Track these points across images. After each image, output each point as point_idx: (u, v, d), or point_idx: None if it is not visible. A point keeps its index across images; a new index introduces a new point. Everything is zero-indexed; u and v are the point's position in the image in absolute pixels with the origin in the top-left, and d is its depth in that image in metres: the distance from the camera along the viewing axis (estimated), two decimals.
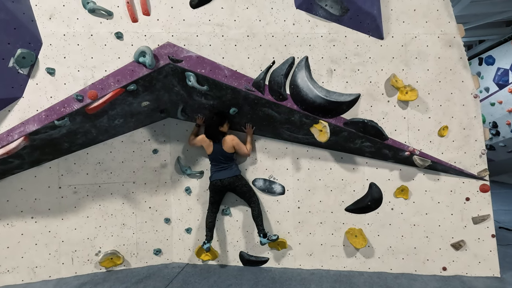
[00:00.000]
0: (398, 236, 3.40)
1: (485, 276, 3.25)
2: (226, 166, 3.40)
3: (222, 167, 3.40)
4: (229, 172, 3.38)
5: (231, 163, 3.43)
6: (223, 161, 3.39)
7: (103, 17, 3.00)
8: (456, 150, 3.29)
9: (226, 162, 3.40)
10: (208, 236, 3.42)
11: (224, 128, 3.39)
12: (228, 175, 3.37)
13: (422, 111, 3.28)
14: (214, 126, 3.36)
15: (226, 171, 3.38)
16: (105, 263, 3.48)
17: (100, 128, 3.29)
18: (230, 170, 3.39)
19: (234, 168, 3.43)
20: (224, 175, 3.37)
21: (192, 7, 3.11)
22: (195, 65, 3.05)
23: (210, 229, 3.45)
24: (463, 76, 3.26)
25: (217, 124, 3.35)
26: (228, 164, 3.41)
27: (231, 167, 3.41)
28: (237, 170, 3.44)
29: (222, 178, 3.36)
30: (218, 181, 3.36)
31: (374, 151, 3.34)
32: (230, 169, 3.40)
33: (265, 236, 3.31)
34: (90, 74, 2.97)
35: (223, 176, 3.36)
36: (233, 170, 3.41)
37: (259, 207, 3.43)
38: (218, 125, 3.35)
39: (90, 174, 3.49)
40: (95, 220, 3.52)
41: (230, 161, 3.42)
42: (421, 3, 3.22)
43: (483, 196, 3.29)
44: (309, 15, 3.18)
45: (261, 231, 3.34)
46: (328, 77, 3.23)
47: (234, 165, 3.45)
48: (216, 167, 3.42)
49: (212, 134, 3.36)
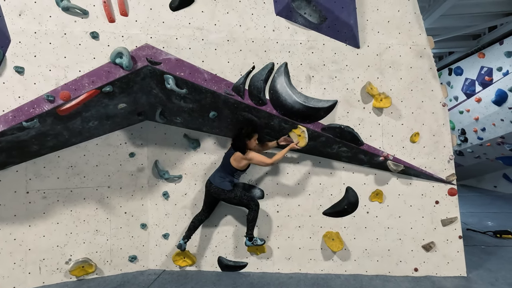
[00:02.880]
0: (373, 239, 3.51)
1: (453, 276, 3.41)
2: (221, 175, 3.27)
3: (219, 171, 3.31)
4: (218, 181, 3.25)
5: (226, 175, 3.26)
6: (222, 168, 3.29)
7: (77, 16, 2.90)
8: (426, 156, 3.45)
9: (224, 172, 3.27)
10: (185, 234, 3.35)
11: (251, 144, 3.21)
12: (216, 183, 3.25)
13: (395, 118, 3.42)
14: (241, 138, 3.20)
15: (217, 178, 3.27)
16: (75, 271, 3.32)
17: (73, 130, 3.16)
18: (220, 180, 3.25)
19: (225, 181, 3.25)
20: (214, 180, 3.27)
21: (172, 9, 3.08)
22: (174, 68, 3.02)
23: (190, 229, 3.37)
24: (432, 85, 3.43)
25: (244, 136, 3.20)
26: (223, 174, 3.27)
27: (224, 179, 3.25)
28: (227, 185, 3.25)
29: (211, 181, 3.29)
30: (208, 180, 3.32)
31: (350, 156, 3.43)
32: (222, 180, 3.25)
33: (251, 239, 3.25)
34: (62, 74, 2.85)
35: (212, 181, 3.28)
36: (223, 183, 3.24)
37: (254, 213, 3.27)
38: (246, 137, 3.20)
39: (61, 178, 3.34)
40: (66, 227, 3.36)
41: (227, 173, 3.26)
42: (394, 15, 3.37)
43: (451, 199, 3.47)
44: (288, 22, 3.25)
45: (249, 234, 3.26)
46: (307, 83, 3.30)
47: (228, 178, 3.26)
48: (217, 169, 3.36)
49: (237, 145, 3.20)
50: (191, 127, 3.56)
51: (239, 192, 3.29)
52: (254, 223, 3.28)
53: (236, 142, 3.22)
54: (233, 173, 3.28)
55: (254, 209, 3.27)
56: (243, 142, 3.19)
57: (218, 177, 3.28)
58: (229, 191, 3.24)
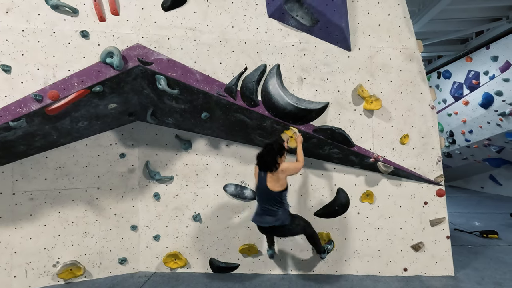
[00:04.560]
0: (364, 240, 3.54)
1: (441, 275, 3.48)
2: (270, 211, 2.75)
3: (265, 209, 2.79)
4: (273, 220, 2.75)
5: (277, 207, 2.77)
6: (267, 202, 2.79)
7: (67, 14, 2.86)
8: (415, 157, 3.51)
9: (271, 205, 2.77)
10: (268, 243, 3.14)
11: (281, 161, 2.80)
12: (271, 223, 2.75)
13: (385, 120, 3.47)
14: (274, 156, 2.73)
15: (269, 217, 2.76)
16: (63, 274, 3.26)
17: (61, 130, 3.10)
18: (275, 217, 2.75)
19: (280, 215, 2.75)
20: (267, 221, 2.78)
21: (164, 9, 3.07)
22: (166, 68, 3.00)
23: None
24: (421, 88, 3.50)
25: (276, 154, 2.75)
26: (272, 209, 2.76)
27: (277, 213, 2.75)
28: (286, 217, 2.78)
29: (264, 225, 2.82)
30: (260, 227, 2.88)
31: (341, 157, 3.46)
32: (276, 216, 2.74)
33: (324, 251, 3.13)
34: (51, 73, 2.80)
35: (266, 223, 2.79)
36: (279, 218, 2.75)
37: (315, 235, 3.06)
38: (277, 153, 2.75)
39: (49, 179, 3.27)
40: (54, 229, 3.29)
41: (275, 203, 2.76)
42: (385, 19, 3.43)
43: (439, 200, 3.53)
44: (281, 24, 3.27)
45: (321, 250, 3.12)
46: (299, 85, 3.33)
47: (280, 209, 2.77)
48: (259, 207, 2.85)
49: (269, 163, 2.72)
50: (183, 128, 3.54)
51: (302, 222, 2.96)
52: (319, 241, 3.13)
53: (269, 161, 2.74)
54: (282, 198, 2.81)
55: (314, 231, 3.05)
56: (275, 158, 2.75)
57: (270, 216, 2.78)
58: (291, 224, 2.84)
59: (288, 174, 2.84)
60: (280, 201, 2.82)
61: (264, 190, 2.80)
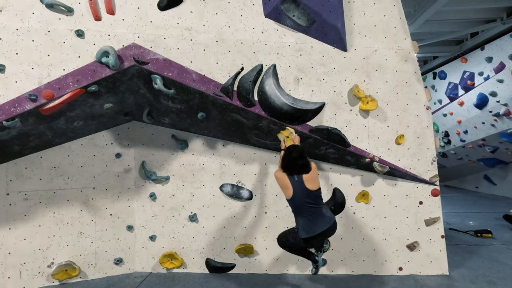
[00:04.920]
0: (360, 239, 3.56)
1: (436, 275, 3.51)
2: (320, 213, 2.66)
3: (314, 214, 2.64)
4: (327, 221, 2.65)
5: (321, 205, 2.71)
6: (312, 207, 2.64)
7: (62, 13, 2.84)
8: (411, 157, 3.53)
9: (315, 206, 2.65)
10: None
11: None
12: (328, 225, 2.63)
13: (381, 120, 3.49)
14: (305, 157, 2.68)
15: (323, 220, 2.64)
16: (58, 275, 3.23)
17: (56, 130, 3.08)
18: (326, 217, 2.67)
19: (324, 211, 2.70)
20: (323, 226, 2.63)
21: (160, 9, 3.06)
22: (162, 68, 2.99)
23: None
24: (417, 89, 3.53)
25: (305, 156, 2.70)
26: (320, 209, 2.67)
27: (324, 212, 2.69)
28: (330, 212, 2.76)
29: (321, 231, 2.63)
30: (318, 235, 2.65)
31: (337, 157, 3.48)
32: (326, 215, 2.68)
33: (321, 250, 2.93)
34: (46, 73, 2.78)
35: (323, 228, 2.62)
36: (330, 216, 2.70)
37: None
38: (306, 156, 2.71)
39: (44, 179, 3.25)
40: (48, 229, 3.27)
41: (319, 202, 2.69)
42: (381, 20, 3.45)
43: (434, 200, 3.56)
44: (277, 24, 3.27)
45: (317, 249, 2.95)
46: (295, 85, 3.33)
47: (323, 207, 2.72)
48: (306, 217, 2.65)
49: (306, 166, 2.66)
50: (179, 127, 3.53)
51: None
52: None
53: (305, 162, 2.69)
54: (321, 197, 2.76)
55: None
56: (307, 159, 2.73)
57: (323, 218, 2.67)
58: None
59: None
60: (321, 199, 2.75)
61: (305, 193, 2.64)
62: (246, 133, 3.41)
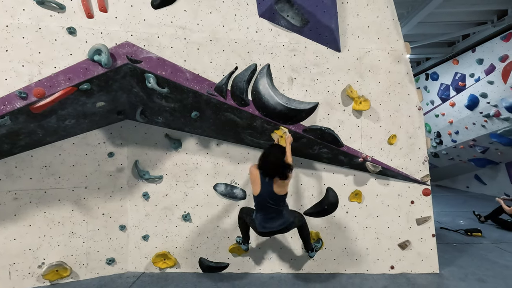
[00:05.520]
0: (352, 238, 3.59)
1: (427, 273, 3.56)
2: (277, 215, 2.82)
3: (271, 213, 2.82)
4: (280, 223, 2.82)
5: (282, 208, 2.85)
6: (273, 207, 2.80)
7: (53, 10, 2.80)
8: (403, 157, 3.58)
9: (278, 208, 2.82)
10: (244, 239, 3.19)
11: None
12: (279, 227, 2.83)
13: (374, 120, 3.53)
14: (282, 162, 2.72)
15: (277, 221, 2.82)
16: (49, 275, 3.19)
17: (47, 128, 3.04)
18: (282, 219, 2.82)
19: (285, 214, 2.85)
20: (274, 226, 2.83)
21: (153, 7, 3.03)
22: (155, 66, 2.97)
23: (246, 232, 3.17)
24: (409, 89, 3.57)
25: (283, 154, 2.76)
26: (279, 211, 2.83)
27: (282, 214, 2.83)
28: (290, 216, 2.89)
29: (271, 230, 2.86)
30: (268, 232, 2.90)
31: (331, 157, 3.50)
32: (282, 218, 2.83)
33: (313, 250, 3.23)
34: (36, 70, 2.74)
35: (273, 228, 2.83)
36: (286, 219, 2.84)
37: (307, 227, 3.13)
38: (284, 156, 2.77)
39: (34, 178, 3.20)
40: (39, 229, 3.22)
41: (281, 205, 2.84)
42: (374, 21, 3.48)
43: (425, 199, 3.61)
44: (271, 24, 3.28)
45: (310, 248, 3.21)
46: (289, 85, 3.35)
47: (285, 210, 2.87)
48: (264, 213, 2.83)
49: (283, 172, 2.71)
50: (172, 127, 3.52)
51: (296, 213, 3.07)
52: (308, 237, 3.18)
53: (279, 170, 2.73)
54: (285, 201, 2.90)
55: (305, 224, 3.12)
56: (285, 165, 2.77)
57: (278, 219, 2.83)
58: (293, 220, 2.94)
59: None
60: (284, 202, 2.91)
61: (271, 195, 2.78)
62: (240, 132, 3.41)
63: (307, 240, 3.18)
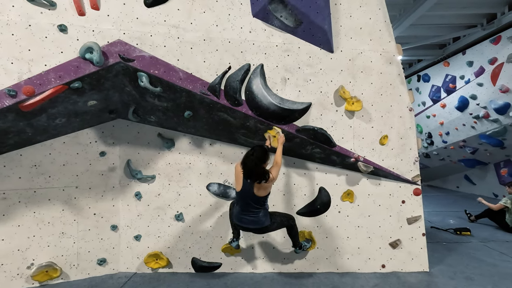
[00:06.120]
0: (344, 238, 3.63)
1: (417, 271, 3.61)
2: (252, 213, 2.88)
3: (247, 211, 2.89)
4: (254, 222, 2.89)
5: (259, 210, 2.88)
6: (249, 205, 2.87)
7: (44, 7, 2.76)
8: (394, 158, 3.62)
9: (254, 207, 2.87)
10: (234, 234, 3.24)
11: (265, 166, 2.85)
12: (252, 226, 2.92)
13: (366, 121, 3.57)
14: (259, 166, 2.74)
15: (251, 219, 2.88)
16: (38, 276, 3.14)
17: (37, 127, 2.99)
18: (256, 219, 2.88)
19: (261, 217, 2.88)
20: (248, 223, 2.91)
21: (146, 5, 3.01)
22: (148, 65, 2.95)
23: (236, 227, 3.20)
24: (400, 90, 3.62)
25: (262, 162, 2.78)
26: (255, 211, 2.87)
27: (257, 215, 2.87)
28: (266, 219, 2.91)
29: (244, 226, 2.96)
30: (242, 227, 3.01)
31: (323, 157, 3.53)
32: (256, 218, 2.87)
33: (301, 247, 3.32)
34: (26, 68, 2.69)
35: (247, 224, 2.93)
36: (260, 221, 2.88)
37: (295, 227, 3.21)
38: (262, 162, 2.79)
39: (23, 178, 3.15)
40: (28, 229, 3.17)
41: (259, 206, 2.88)
42: (367, 22, 3.52)
43: (416, 199, 3.67)
44: (265, 24, 3.29)
45: (298, 245, 3.29)
46: (282, 85, 3.36)
47: (262, 212, 2.89)
48: (241, 208, 2.93)
49: (259, 176, 2.72)
50: (165, 126, 3.50)
51: (278, 218, 3.07)
52: (297, 235, 3.26)
53: (256, 173, 2.72)
54: (265, 201, 2.93)
55: (294, 223, 3.21)
56: (263, 169, 2.76)
57: (252, 218, 2.89)
58: (270, 224, 2.96)
59: (274, 182, 2.92)
60: (263, 204, 2.93)
61: (250, 195, 2.83)
62: (233, 132, 3.41)
63: (296, 239, 3.28)
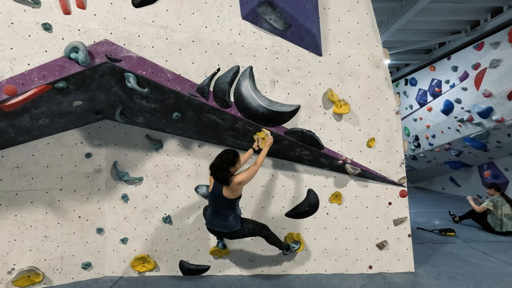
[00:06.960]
0: (332, 239, 3.66)
1: (403, 272, 3.67)
2: (222, 216, 2.90)
3: (217, 214, 2.93)
4: (223, 226, 2.91)
5: (229, 213, 2.90)
6: (219, 208, 2.91)
7: (28, 5, 2.69)
8: (381, 160, 3.68)
9: (224, 210, 2.89)
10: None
11: (235, 169, 2.89)
12: (222, 229, 2.93)
13: (353, 123, 3.62)
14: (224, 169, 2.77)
15: (221, 222, 2.91)
16: (20, 282, 3.05)
17: (19, 127, 2.91)
18: (225, 223, 2.89)
19: (231, 220, 2.89)
20: (218, 226, 2.93)
21: (134, 5, 2.98)
22: (135, 66, 2.91)
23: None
24: (387, 94, 3.69)
25: (228, 166, 2.81)
26: (225, 214, 2.89)
27: (227, 219, 2.88)
28: (236, 224, 2.91)
29: (215, 229, 2.98)
30: (211, 230, 3.03)
31: (312, 159, 3.56)
32: (226, 221, 2.89)
33: (288, 249, 3.36)
34: (8, 67, 2.62)
35: (216, 228, 2.95)
36: (231, 224, 2.90)
37: (272, 235, 3.20)
38: (230, 164, 2.82)
39: (4, 180, 3.05)
40: (9, 233, 3.08)
41: (228, 209, 2.90)
42: (354, 27, 3.57)
43: (402, 200, 3.74)
44: (254, 26, 3.30)
45: (284, 248, 3.33)
46: (271, 88, 3.37)
47: (231, 216, 2.90)
48: (212, 211, 2.97)
49: (222, 179, 2.78)
50: (153, 127, 3.46)
51: (250, 225, 3.06)
52: (278, 241, 3.25)
53: (221, 176, 2.79)
54: (235, 204, 2.94)
55: (269, 232, 3.20)
56: (227, 172, 2.79)
57: (222, 221, 2.91)
58: (241, 229, 2.96)
59: (245, 184, 2.92)
60: (233, 207, 2.95)
61: (218, 197, 2.90)
62: (222, 134, 3.40)
63: (277, 243, 3.26)
